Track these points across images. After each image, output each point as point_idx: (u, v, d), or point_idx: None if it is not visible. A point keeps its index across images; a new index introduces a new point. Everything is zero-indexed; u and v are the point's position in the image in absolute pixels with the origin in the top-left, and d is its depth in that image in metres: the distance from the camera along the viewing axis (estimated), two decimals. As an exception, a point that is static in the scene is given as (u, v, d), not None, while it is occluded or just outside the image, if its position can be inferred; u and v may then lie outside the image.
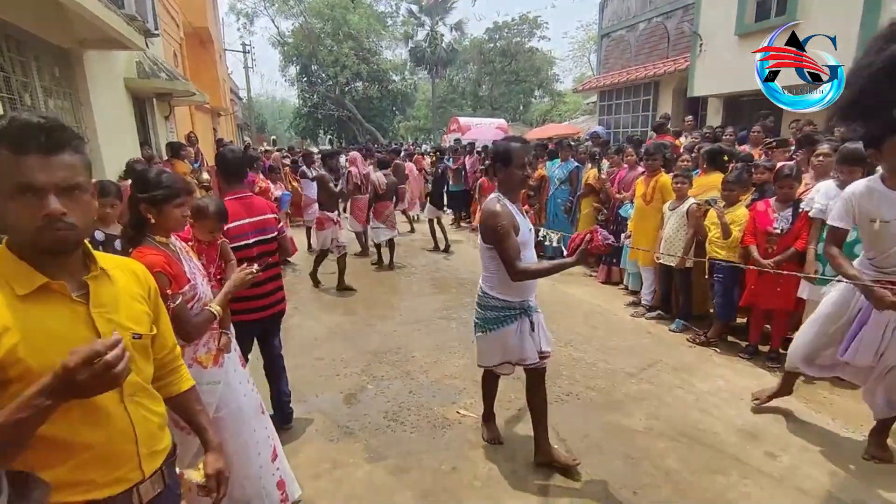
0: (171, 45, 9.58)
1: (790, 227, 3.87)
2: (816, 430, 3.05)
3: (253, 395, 2.20)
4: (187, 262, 1.87)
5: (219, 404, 1.99)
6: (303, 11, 28.11)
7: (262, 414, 2.22)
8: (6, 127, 0.93)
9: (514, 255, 2.34)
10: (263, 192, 6.08)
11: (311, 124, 33.23)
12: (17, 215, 0.94)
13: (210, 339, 2.00)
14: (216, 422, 1.98)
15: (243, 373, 2.20)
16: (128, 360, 0.91)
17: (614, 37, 13.12)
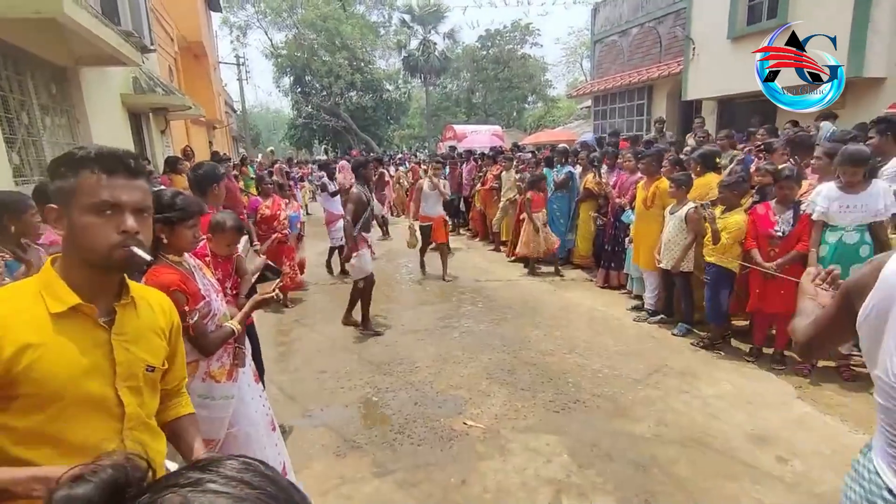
0: (167, 60, 9.60)
1: (791, 230, 3.88)
2: (826, 432, 3.04)
3: (265, 409, 2.18)
4: (201, 279, 1.87)
5: (231, 420, 1.98)
6: (296, 23, 28.22)
7: (273, 430, 2.19)
8: (99, 152, 1.04)
9: None
10: (270, 218, 5.61)
11: (306, 135, 33.28)
12: (95, 230, 1.01)
13: (224, 353, 1.98)
14: (227, 438, 1.96)
15: (256, 388, 2.18)
16: None
17: (607, 42, 13.23)
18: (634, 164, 5.66)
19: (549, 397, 3.59)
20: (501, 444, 3.04)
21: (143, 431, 1.13)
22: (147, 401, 1.14)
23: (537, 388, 3.75)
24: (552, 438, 3.08)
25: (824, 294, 1.34)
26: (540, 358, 4.27)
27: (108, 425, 1.05)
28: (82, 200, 1.01)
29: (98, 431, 1.04)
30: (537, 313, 5.41)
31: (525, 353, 4.37)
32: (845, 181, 3.51)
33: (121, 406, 1.06)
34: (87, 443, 1.03)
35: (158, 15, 8.85)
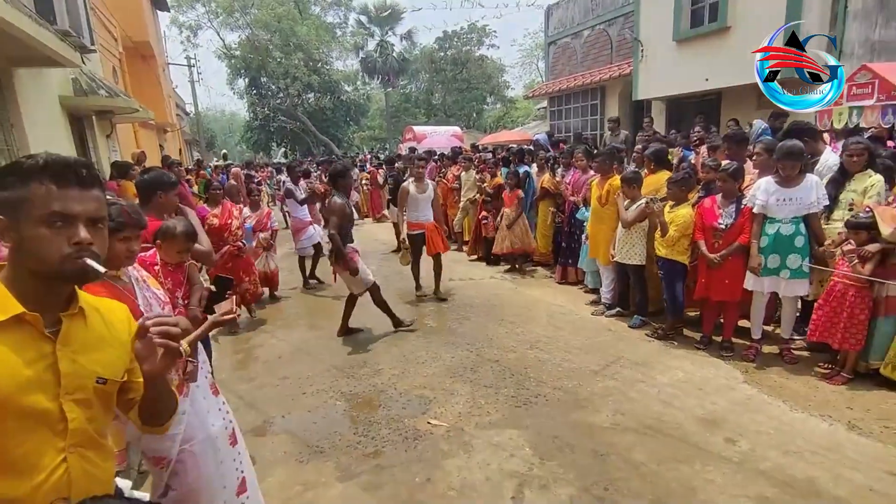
0: (110, 61, 9.18)
1: (734, 223, 4.08)
2: (770, 413, 3.22)
3: (224, 423, 2.11)
4: (142, 292, 1.78)
5: (185, 436, 1.90)
6: (249, 23, 27.54)
7: (234, 444, 2.13)
8: (49, 162, 1.01)
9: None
10: (220, 228, 4.89)
11: (263, 137, 32.56)
12: (45, 242, 0.98)
13: (177, 368, 1.92)
14: (182, 455, 1.89)
15: (215, 401, 2.11)
16: None
17: (560, 44, 13.54)
18: (587, 163, 5.82)
19: (512, 393, 3.65)
20: (465, 441, 3.07)
21: (91, 449, 1.08)
22: (98, 415, 1.09)
23: (500, 384, 3.80)
24: (515, 433, 3.14)
25: None
26: (502, 354, 4.34)
27: (50, 441, 1.00)
28: (32, 212, 0.98)
29: (39, 448, 0.99)
30: (499, 311, 5.48)
31: (488, 351, 4.42)
32: (784, 175, 3.73)
33: (64, 421, 1.02)
34: (28, 460, 0.98)
35: (100, 13, 8.46)
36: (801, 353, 4.06)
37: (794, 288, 3.77)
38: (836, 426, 3.02)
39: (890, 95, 4.42)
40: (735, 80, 8.00)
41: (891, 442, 2.84)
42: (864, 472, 2.59)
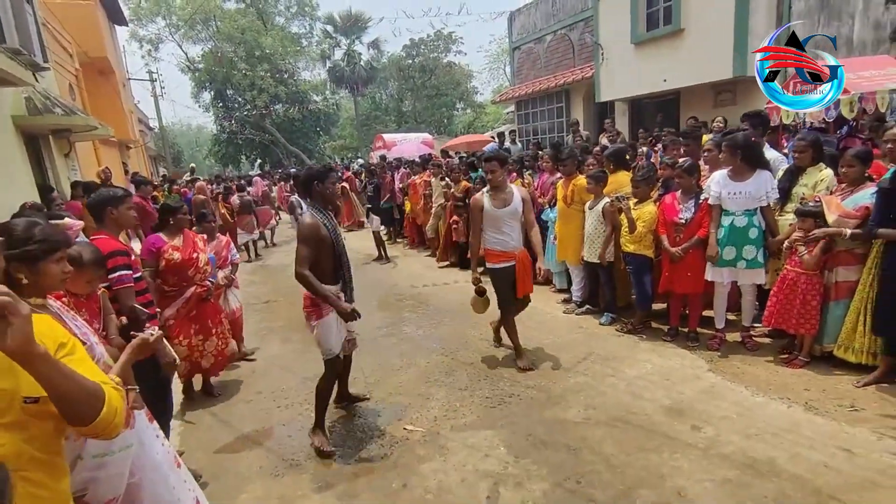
0: (66, 77, 8.94)
1: (693, 217, 4.23)
2: (733, 399, 3.34)
3: (166, 449, 2.07)
4: (72, 322, 1.69)
5: (133, 468, 1.83)
6: (212, 36, 27.16)
7: (178, 467, 2.10)
8: None
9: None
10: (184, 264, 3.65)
11: (232, 150, 32.12)
12: None
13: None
14: (131, 489, 1.83)
15: (153, 427, 2.05)
16: None
17: (524, 49, 13.79)
18: (553, 166, 5.94)
19: (486, 394, 3.70)
20: (441, 445, 3.10)
21: (37, 470, 1.07)
22: (39, 434, 1.08)
23: (475, 386, 3.85)
24: (489, 433, 3.18)
25: None
26: (477, 357, 4.39)
27: None
28: None
29: None
30: (473, 314, 5.48)
31: (463, 354, 4.47)
32: (728, 169, 3.90)
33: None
34: None
35: (53, 30, 8.25)
36: (762, 340, 4.22)
37: (750, 277, 3.93)
38: (794, 408, 3.16)
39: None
40: (691, 80, 8.30)
41: (844, 420, 2.98)
42: (819, 450, 2.72)
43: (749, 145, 3.84)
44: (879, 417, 2.97)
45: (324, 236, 3.00)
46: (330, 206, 3.19)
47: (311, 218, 3.03)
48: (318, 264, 3.00)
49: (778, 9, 7.39)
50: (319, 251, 3.00)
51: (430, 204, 8.58)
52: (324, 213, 3.09)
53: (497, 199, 3.96)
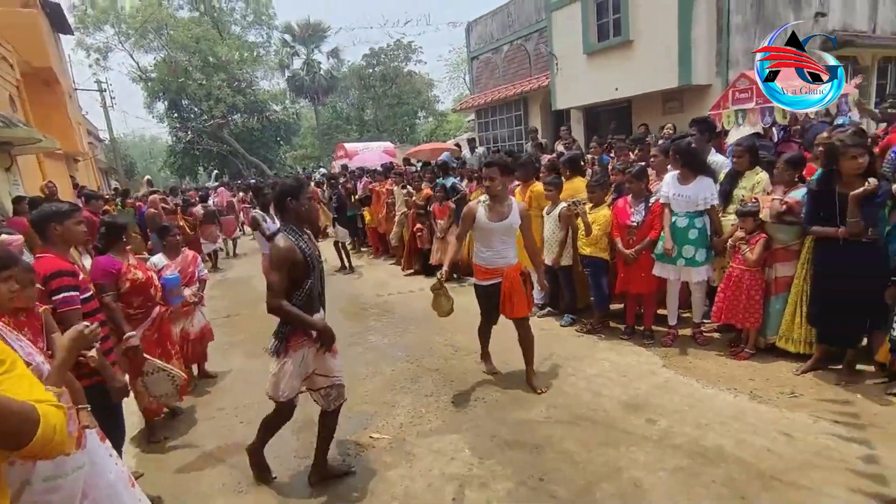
0: (6, 89, 8.53)
1: (644, 219, 4.43)
2: (685, 392, 3.51)
3: (120, 468, 2.02)
4: (15, 343, 1.65)
5: (86, 489, 1.78)
6: (165, 45, 26.41)
7: (132, 486, 2.06)
8: None
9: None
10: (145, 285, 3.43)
11: (189, 161, 31.24)
12: None
13: (69, 420, 1.82)
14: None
15: (105, 446, 2.00)
16: None
17: (482, 58, 14.06)
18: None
19: (451, 399, 3.75)
20: (407, 451, 3.13)
21: None
22: None
23: (440, 392, 3.89)
24: (455, 437, 3.23)
25: None
26: (443, 363, 4.44)
27: None
28: None
29: None
30: (438, 320, 5.44)
31: (428, 361, 4.51)
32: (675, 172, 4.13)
33: None
34: None
35: (-8, 40, 7.89)
36: (713, 335, 4.44)
37: (690, 275, 4.15)
38: (740, 397, 3.35)
39: (765, 99, 4.97)
40: (641, 89, 8.66)
41: (784, 406, 3.19)
42: (762, 436, 2.89)
43: (690, 151, 4.07)
44: (816, 402, 3.19)
45: (299, 261, 2.60)
46: (307, 224, 2.82)
47: (284, 241, 2.61)
48: (295, 292, 2.63)
49: (718, 22, 7.83)
50: (295, 278, 2.62)
51: (393, 212, 8.61)
52: (299, 234, 2.69)
53: (493, 211, 3.61)
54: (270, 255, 2.70)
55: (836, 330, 3.42)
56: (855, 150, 3.04)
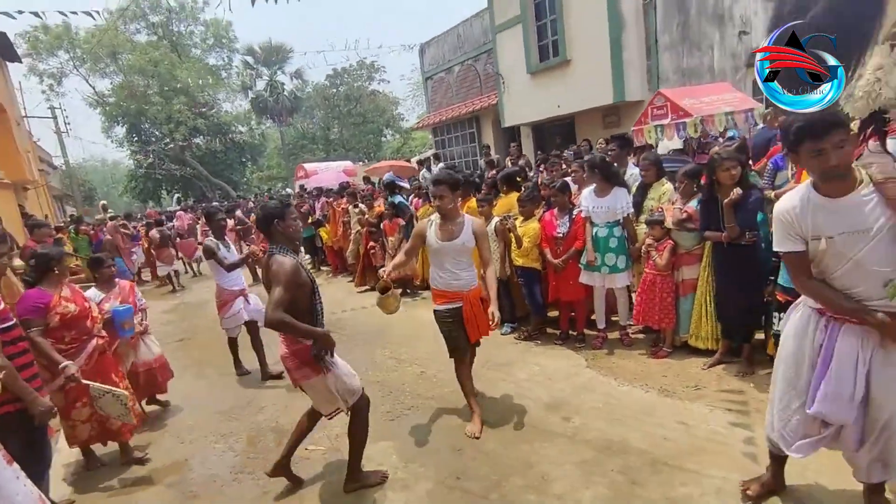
0: (-52, 120, 8.40)
1: (569, 231, 4.72)
2: (603, 391, 3.76)
3: (28, 489, 2.10)
4: None
5: None
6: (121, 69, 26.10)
7: (19, 479, 2.15)
8: None
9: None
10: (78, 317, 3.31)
11: (151, 185, 30.76)
12: None
13: None
14: None
15: (12, 469, 2.09)
16: None
17: (436, 79, 14.49)
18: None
19: (388, 409, 3.92)
20: (340, 460, 3.27)
21: None
22: None
23: (378, 403, 4.02)
24: (385, 444, 3.40)
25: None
26: (385, 375, 4.60)
27: None
28: None
29: None
30: (387, 335, 5.75)
31: (371, 374, 4.65)
32: (594, 186, 4.45)
33: None
34: None
35: (-69, 71, 7.78)
36: (638, 336, 4.73)
37: (614, 281, 4.45)
38: (650, 393, 3.62)
39: (679, 115, 5.40)
40: (581, 106, 9.13)
41: (687, 399, 3.47)
42: (664, 427, 3.15)
43: (603, 165, 4.40)
44: (715, 393, 3.48)
45: (304, 280, 2.71)
46: (294, 243, 2.91)
47: (289, 260, 2.68)
48: (297, 310, 2.68)
49: (646, 41, 8.35)
50: (298, 297, 2.70)
51: (349, 230, 8.78)
52: (293, 255, 2.77)
53: (443, 230, 3.35)
54: (280, 273, 2.64)
55: (733, 325, 3.75)
56: (728, 163, 3.39)
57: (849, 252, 1.90)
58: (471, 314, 3.39)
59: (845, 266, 1.93)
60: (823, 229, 1.93)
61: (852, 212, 1.88)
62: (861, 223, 1.87)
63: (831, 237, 1.91)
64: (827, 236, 1.92)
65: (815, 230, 1.95)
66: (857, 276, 1.92)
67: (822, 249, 1.95)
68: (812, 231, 1.97)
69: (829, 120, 1.85)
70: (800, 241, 2.01)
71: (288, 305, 2.60)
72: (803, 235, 2.00)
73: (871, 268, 1.88)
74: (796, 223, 2.00)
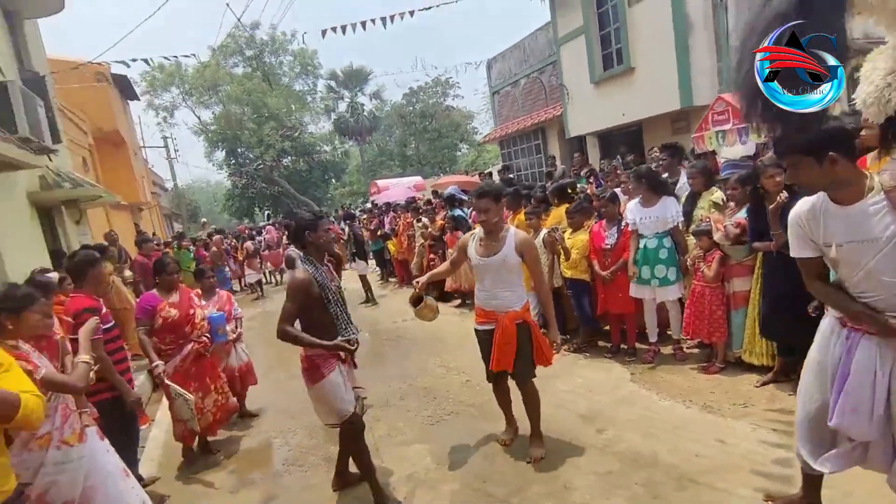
0: (79, 153, 9.93)
1: (617, 242, 4.67)
2: (642, 404, 3.69)
3: (116, 461, 2.54)
4: (37, 359, 2.25)
5: (87, 474, 2.33)
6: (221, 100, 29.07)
7: (127, 476, 2.57)
8: None
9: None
10: (181, 322, 3.75)
11: (245, 203, 33.62)
12: None
13: (74, 419, 2.38)
14: (87, 491, 2.32)
15: (104, 444, 2.53)
16: None
17: (503, 93, 14.67)
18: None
19: (429, 413, 4.11)
20: (379, 459, 3.49)
21: None
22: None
23: (421, 408, 4.25)
24: (421, 447, 3.58)
25: None
26: (432, 381, 4.80)
27: None
28: None
29: None
30: (439, 344, 5.96)
31: (420, 380, 4.88)
32: (640, 197, 4.38)
33: None
34: None
35: (68, 113, 9.27)
36: (692, 351, 4.55)
37: (664, 294, 4.33)
38: (692, 409, 3.50)
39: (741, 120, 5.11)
40: (647, 113, 8.87)
41: (731, 416, 3.32)
42: (699, 443, 3.05)
43: (650, 175, 4.33)
44: (763, 412, 3.30)
45: (314, 293, 2.77)
46: (327, 254, 3.01)
47: (303, 273, 2.78)
48: (313, 320, 2.80)
49: (716, 43, 7.97)
50: (311, 307, 2.79)
51: (413, 243, 9.16)
52: (317, 267, 2.85)
53: (483, 245, 3.14)
54: (292, 282, 2.83)
55: (785, 341, 3.52)
56: (772, 170, 3.24)
57: (860, 261, 1.84)
58: (501, 341, 3.12)
59: (859, 274, 1.87)
60: (833, 237, 1.89)
61: (860, 220, 1.82)
62: (868, 232, 1.81)
63: (840, 245, 1.87)
64: (837, 244, 1.88)
65: (826, 237, 1.91)
66: (872, 285, 1.85)
67: (834, 257, 1.91)
68: (824, 238, 1.92)
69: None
70: (813, 247, 1.98)
71: (296, 317, 2.76)
72: (816, 242, 1.96)
73: (882, 278, 1.79)
74: (809, 229, 1.97)
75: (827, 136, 1.86)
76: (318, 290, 2.77)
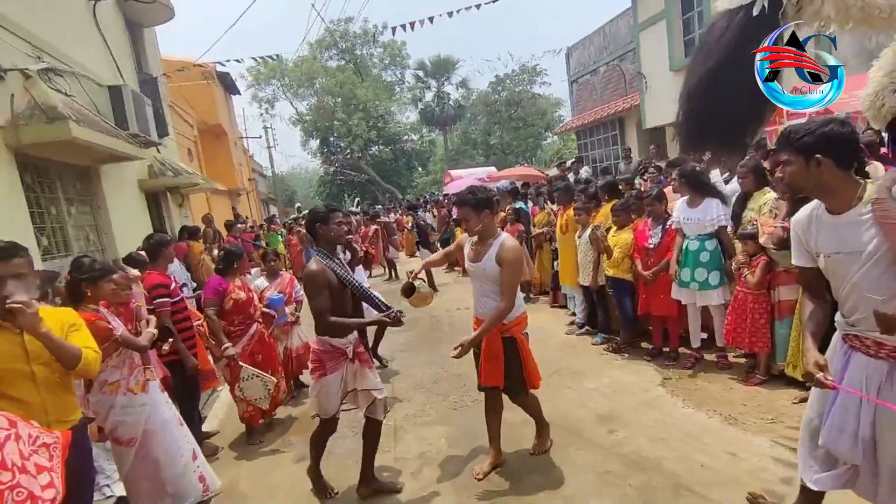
0: (186, 144, 11.25)
1: (660, 242, 4.52)
2: (663, 409, 3.62)
3: (172, 412, 3.03)
4: (113, 320, 2.77)
5: (147, 420, 2.83)
6: (315, 92, 30.96)
7: (181, 425, 3.05)
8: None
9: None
10: (246, 304, 4.04)
11: (335, 190, 35.64)
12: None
13: (139, 372, 2.88)
14: (146, 434, 2.82)
15: (163, 396, 3.03)
16: None
17: (581, 81, 14.19)
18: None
19: (456, 399, 4.32)
20: (400, 436, 3.78)
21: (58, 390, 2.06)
22: (57, 367, 2.03)
23: (450, 393, 4.47)
24: (441, 429, 3.81)
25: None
26: (464, 369, 4.88)
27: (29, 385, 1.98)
28: None
29: (23, 389, 1.96)
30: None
31: (456, 367, 5.02)
32: (685, 196, 4.20)
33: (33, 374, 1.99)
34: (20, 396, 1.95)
35: (177, 108, 10.52)
36: (738, 360, 4.32)
37: (706, 298, 4.14)
38: (714, 419, 3.38)
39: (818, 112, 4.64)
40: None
41: (753, 430, 3.17)
42: (707, 453, 2.97)
43: (691, 174, 4.13)
44: (787, 429, 3.11)
45: (333, 282, 2.80)
46: (343, 247, 3.07)
47: (316, 265, 2.81)
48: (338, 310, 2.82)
49: (812, 25, 7.19)
50: (332, 296, 2.80)
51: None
52: (330, 257, 2.90)
53: (474, 250, 3.07)
54: (307, 275, 2.82)
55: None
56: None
57: (846, 274, 1.77)
58: (486, 352, 3.08)
59: (846, 288, 1.79)
60: (823, 247, 1.83)
61: (847, 231, 1.75)
62: (853, 244, 1.73)
63: (828, 256, 1.82)
64: (825, 254, 1.83)
65: (818, 247, 1.86)
66: (859, 302, 1.77)
67: (823, 268, 1.86)
68: (816, 247, 1.87)
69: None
70: (808, 256, 1.93)
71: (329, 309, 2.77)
72: (810, 251, 1.91)
73: (864, 293, 1.70)
74: (805, 237, 1.91)
75: (821, 137, 1.78)
76: (334, 278, 2.84)
